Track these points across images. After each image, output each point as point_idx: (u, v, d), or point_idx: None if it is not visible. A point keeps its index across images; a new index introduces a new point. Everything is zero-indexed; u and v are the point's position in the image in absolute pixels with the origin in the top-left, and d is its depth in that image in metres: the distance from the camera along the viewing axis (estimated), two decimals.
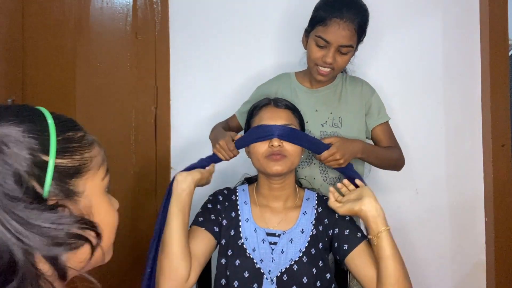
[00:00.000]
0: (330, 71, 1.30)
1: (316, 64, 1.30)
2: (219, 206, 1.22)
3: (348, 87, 1.42)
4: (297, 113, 1.23)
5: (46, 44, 1.88)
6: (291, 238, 1.15)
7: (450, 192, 1.80)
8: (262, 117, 1.19)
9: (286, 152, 1.14)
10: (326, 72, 1.30)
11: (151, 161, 1.88)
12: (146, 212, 1.88)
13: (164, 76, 1.86)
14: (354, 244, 1.10)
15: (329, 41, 1.24)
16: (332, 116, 1.39)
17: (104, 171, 0.65)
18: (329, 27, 1.23)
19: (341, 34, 1.22)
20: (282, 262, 1.13)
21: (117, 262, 1.88)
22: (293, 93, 1.43)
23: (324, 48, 1.25)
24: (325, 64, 1.27)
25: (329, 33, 1.23)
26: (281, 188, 1.19)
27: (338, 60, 1.27)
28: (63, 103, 1.88)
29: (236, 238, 1.17)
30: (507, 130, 1.78)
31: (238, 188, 1.28)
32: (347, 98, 1.40)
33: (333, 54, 1.25)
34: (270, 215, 1.20)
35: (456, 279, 1.82)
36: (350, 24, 1.22)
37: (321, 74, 1.31)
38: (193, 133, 1.84)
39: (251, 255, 1.14)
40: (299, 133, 1.17)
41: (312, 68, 1.33)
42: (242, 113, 1.48)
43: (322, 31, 1.24)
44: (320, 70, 1.30)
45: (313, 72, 1.33)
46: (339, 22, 1.22)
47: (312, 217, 1.19)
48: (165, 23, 1.86)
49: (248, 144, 1.19)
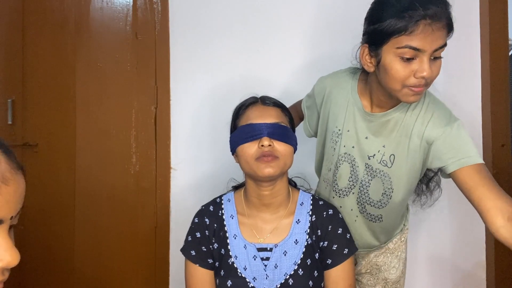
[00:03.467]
0: (424, 88, 1.00)
1: (404, 86, 0.98)
2: (207, 232, 1.14)
3: (419, 116, 1.09)
4: (286, 111, 1.14)
5: (46, 44, 1.89)
6: (284, 251, 1.09)
7: (450, 192, 1.79)
8: (249, 116, 1.09)
9: (277, 153, 1.05)
10: (421, 90, 0.99)
11: (151, 161, 1.88)
12: (146, 212, 1.88)
13: (164, 76, 1.86)
14: (338, 261, 1.08)
15: (421, 48, 0.94)
16: (383, 150, 1.13)
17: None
18: (416, 32, 0.93)
19: (435, 36, 0.94)
20: (276, 277, 1.08)
21: (117, 262, 1.88)
22: (348, 107, 1.18)
23: (412, 60, 0.96)
24: (421, 80, 0.96)
25: (420, 40, 0.93)
26: (271, 195, 1.10)
27: (433, 69, 0.98)
28: (63, 103, 1.89)
29: (226, 257, 1.11)
30: (507, 130, 1.77)
31: (223, 198, 1.19)
32: (411, 132, 1.09)
33: (428, 64, 0.95)
34: (261, 225, 1.12)
35: (456, 279, 1.81)
36: (441, 20, 0.94)
37: (413, 94, 0.99)
38: (193, 133, 1.84)
39: (243, 274, 1.09)
40: (290, 132, 1.09)
41: (398, 92, 1.00)
42: (307, 107, 1.34)
43: (407, 40, 0.94)
44: (414, 89, 0.98)
45: (402, 96, 1.01)
46: (430, 23, 0.93)
47: (306, 225, 1.12)
48: (165, 23, 1.86)
49: (235, 146, 1.09)
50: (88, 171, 1.88)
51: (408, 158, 1.11)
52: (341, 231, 1.12)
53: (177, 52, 1.85)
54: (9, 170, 0.51)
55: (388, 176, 1.14)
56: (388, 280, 1.34)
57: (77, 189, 1.89)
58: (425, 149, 1.09)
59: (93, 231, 1.88)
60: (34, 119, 1.89)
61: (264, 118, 1.07)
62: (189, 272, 1.13)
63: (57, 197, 1.89)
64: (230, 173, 1.45)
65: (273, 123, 1.06)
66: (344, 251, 1.10)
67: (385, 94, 1.07)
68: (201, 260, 1.12)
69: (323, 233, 1.11)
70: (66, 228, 1.88)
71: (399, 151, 1.11)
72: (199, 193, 1.83)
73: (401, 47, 0.95)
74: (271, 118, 1.08)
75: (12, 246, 0.52)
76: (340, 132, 1.20)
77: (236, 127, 1.12)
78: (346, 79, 1.21)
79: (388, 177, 1.15)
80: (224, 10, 1.83)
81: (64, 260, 1.88)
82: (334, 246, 1.10)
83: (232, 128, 1.15)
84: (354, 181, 1.21)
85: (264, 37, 1.81)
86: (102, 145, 1.88)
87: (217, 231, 1.14)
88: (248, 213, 1.14)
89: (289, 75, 1.79)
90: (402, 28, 0.93)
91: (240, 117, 1.12)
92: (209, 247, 1.13)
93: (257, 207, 1.13)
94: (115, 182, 1.88)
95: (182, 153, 1.86)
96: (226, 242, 1.12)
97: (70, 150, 1.88)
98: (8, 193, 0.50)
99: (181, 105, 1.86)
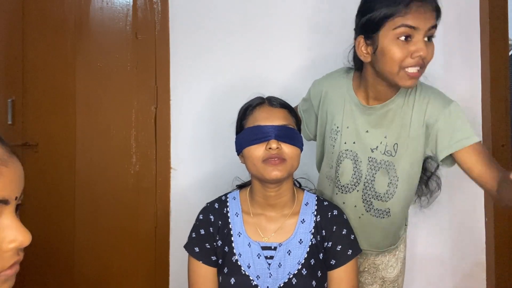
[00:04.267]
0: (420, 71, 1.03)
1: (401, 68, 1.02)
2: (211, 229, 1.14)
3: (415, 104, 1.13)
4: (293, 112, 1.14)
5: (46, 44, 1.89)
6: (288, 250, 1.09)
7: (450, 192, 1.79)
8: (256, 118, 1.09)
9: (285, 155, 1.05)
10: (417, 74, 1.02)
11: (151, 161, 1.88)
12: (146, 212, 1.88)
13: (164, 76, 1.86)
14: (341, 262, 1.09)
15: (416, 26, 0.98)
16: (386, 141, 1.16)
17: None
18: (410, 12, 0.98)
19: (427, 15, 1.00)
20: (280, 276, 1.08)
21: (117, 262, 1.88)
22: (345, 104, 1.21)
23: (409, 40, 1.00)
24: (418, 59, 1.00)
25: (414, 18, 0.98)
26: (277, 196, 1.10)
27: (428, 50, 1.01)
28: (63, 103, 1.89)
29: (230, 255, 1.11)
30: (507, 130, 1.77)
31: (229, 196, 1.19)
32: (410, 120, 1.13)
33: (424, 43, 0.99)
34: (265, 224, 1.12)
35: (456, 279, 1.81)
36: (430, 2, 1.01)
37: (410, 77, 1.02)
38: (193, 133, 1.84)
39: (247, 272, 1.09)
40: (297, 134, 1.10)
41: (395, 75, 1.03)
42: (303, 111, 1.36)
43: (402, 20, 0.98)
44: (410, 72, 1.01)
45: (399, 80, 1.04)
46: (421, 5, 0.99)
47: (310, 225, 1.12)
48: (165, 23, 1.86)
49: (242, 148, 1.09)
50: (88, 171, 1.88)
51: (410, 145, 1.14)
52: (346, 232, 1.12)
53: (177, 52, 1.85)
54: (5, 153, 0.53)
55: (393, 165, 1.17)
56: (385, 279, 1.34)
57: (77, 189, 1.89)
58: (425, 134, 1.13)
59: (93, 231, 1.88)
60: (34, 119, 1.89)
61: (272, 120, 1.07)
62: (192, 268, 1.13)
63: (57, 197, 1.89)
64: (231, 172, 1.45)
65: (280, 125, 1.06)
66: (348, 252, 1.10)
67: (382, 84, 1.11)
68: (205, 257, 1.12)
69: (327, 234, 1.12)
70: (66, 228, 1.88)
71: (401, 140, 1.14)
72: (199, 193, 1.83)
73: (397, 26, 0.99)
74: (279, 120, 1.07)
75: (22, 226, 0.53)
76: (339, 130, 1.22)
77: (242, 128, 1.12)
78: (340, 78, 1.24)
79: (392, 165, 1.17)
80: (224, 10, 1.83)
81: (64, 260, 1.88)
82: (338, 247, 1.10)
83: (238, 128, 1.14)
84: (358, 178, 1.22)
85: (264, 37, 1.81)
86: (102, 145, 1.88)
87: (221, 228, 1.14)
88: (253, 212, 1.14)
89: (289, 75, 1.79)
90: (396, 11, 0.99)
91: (247, 118, 1.11)
92: (213, 244, 1.13)
93: (263, 207, 1.13)
94: (115, 182, 1.88)
95: (182, 153, 1.86)
96: (230, 239, 1.12)
97: (70, 150, 1.88)
98: (9, 174, 0.52)
99: (181, 105, 1.86)
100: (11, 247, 0.52)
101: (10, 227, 0.52)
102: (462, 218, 1.80)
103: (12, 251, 0.52)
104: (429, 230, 1.81)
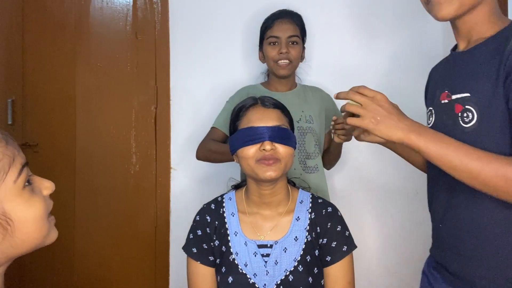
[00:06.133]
0: (289, 64, 1.50)
1: (274, 62, 1.51)
2: (208, 229, 1.15)
3: (309, 92, 1.62)
4: (286, 111, 1.15)
5: (46, 44, 1.89)
6: (284, 247, 1.11)
7: None
8: (250, 119, 1.10)
9: (279, 155, 1.06)
10: (285, 64, 1.50)
11: (151, 161, 1.88)
12: (146, 212, 1.88)
13: (164, 76, 1.86)
14: (337, 258, 1.10)
15: (278, 35, 1.50)
16: (304, 114, 1.54)
17: (16, 172, 0.60)
18: (274, 26, 1.51)
19: (285, 27, 1.51)
20: (276, 274, 1.09)
21: (117, 262, 1.88)
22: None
23: (276, 45, 1.50)
24: (282, 55, 1.48)
25: (276, 30, 1.51)
26: (271, 194, 1.12)
27: (291, 51, 1.50)
28: (63, 103, 1.89)
29: (227, 254, 1.12)
30: None
31: (225, 197, 1.21)
32: (311, 100, 1.60)
33: (285, 45, 1.49)
34: (261, 223, 1.14)
35: None
36: (291, 20, 1.52)
37: (281, 67, 1.50)
38: (193, 133, 1.84)
39: (244, 270, 1.10)
40: (290, 133, 1.11)
41: (272, 67, 1.53)
42: (224, 123, 1.48)
43: (270, 32, 1.52)
44: (280, 64, 1.50)
45: (275, 70, 1.52)
46: (282, 21, 1.51)
47: (305, 222, 1.13)
48: (165, 23, 1.86)
49: (236, 148, 1.10)
50: (88, 171, 1.88)
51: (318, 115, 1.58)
52: (340, 228, 1.13)
53: (177, 52, 1.85)
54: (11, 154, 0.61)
55: (313, 129, 1.54)
56: None
57: (77, 189, 1.89)
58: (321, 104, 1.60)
59: (93, 231, 1.88)
60: (34, 119, 1.89)
61: (265, 121, 1.08)
62: (191, 269, 1.14)
63: (57, 197, 1.88)
64: (230, 173, 1.45)
65: (274, 126, 1.07)
66: (343, 249, 1.11)
67: (276, 79, 1.58)
68: (203, 258, 1.13)
69: (322, 231, 1.13)
70: (66, 228, 1.88)
71: (312, 112, 1.56)
72: (199, 193, 1.83)
73: (267, 37, 1.53)
74: (272, 121, 1.09)
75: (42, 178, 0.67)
76: None
77: (236, 129, 1.13)
78: (250, 87, 1.61)
79: (313, 130, 1.54)
80: (223, 10, 1.83)
81: (64, 260, 1.88)
82: (333, 243, 1.11)
83: (232, 129, 1.15)
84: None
85: None
86: (102, 145, 1.88)
87: (218, 228, 1.15)
88: (248, 211, 1.15)
89: None
90: (268, 27, 1.53)
91: (241, 119, 1.12)
92: (210, 245, 1.14)
93: (258, 205, 1.15)
94: (115, 182, 1.88)
95: (182, 153, 1.86)
96: (227, 239, 1.13)
97: (70, 150, 1.88)
98: (13, 148, 0.61)
99: (181, 105, 1.86)
100: (49, 192, 0.68)
101: (40, 179, 0.67)
102: None
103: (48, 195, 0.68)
104: (429, 231, 1.80)
